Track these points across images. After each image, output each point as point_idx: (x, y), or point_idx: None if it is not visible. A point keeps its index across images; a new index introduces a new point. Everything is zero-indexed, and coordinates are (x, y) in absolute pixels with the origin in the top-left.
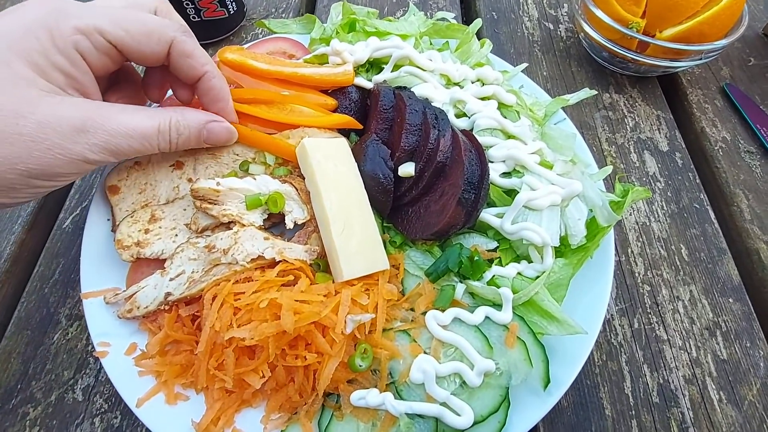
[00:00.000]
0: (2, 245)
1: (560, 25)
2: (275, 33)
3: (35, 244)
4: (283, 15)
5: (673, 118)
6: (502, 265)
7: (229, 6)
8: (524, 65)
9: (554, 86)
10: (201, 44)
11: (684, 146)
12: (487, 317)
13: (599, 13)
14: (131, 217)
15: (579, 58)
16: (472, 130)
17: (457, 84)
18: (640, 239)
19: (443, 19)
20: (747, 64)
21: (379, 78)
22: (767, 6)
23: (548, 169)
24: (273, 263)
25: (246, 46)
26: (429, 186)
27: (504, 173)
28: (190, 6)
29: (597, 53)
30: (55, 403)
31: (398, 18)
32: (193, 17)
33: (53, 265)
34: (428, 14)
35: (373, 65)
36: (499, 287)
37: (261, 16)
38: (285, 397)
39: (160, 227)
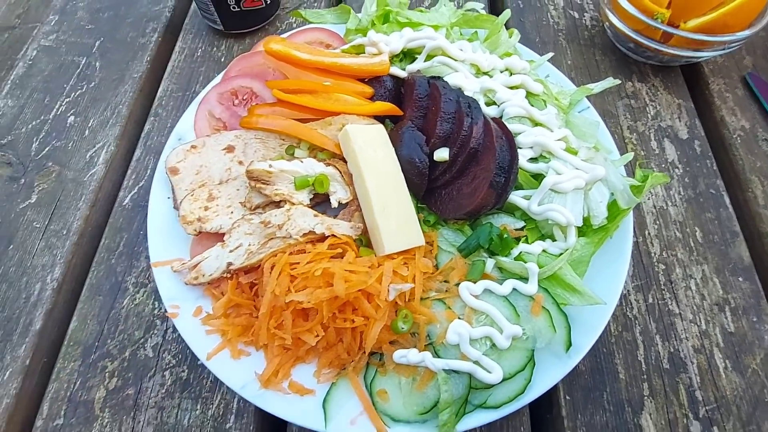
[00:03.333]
0: (69, 221)
1: (585, 14)
2: (310, 23)
3: (99, 220)
4: (315, 4)
5: (693, 106)
6: (528, 243)
7: None
8: (550, 54)
9: (578, 75)
10: (238, 33)
11: (703, 134)
12: (514, 289)
13: (625, 4)
14: (191, 195)
15: (603, 47)
16: (501, 117)
17: (486, 73)
18: (657, 222)
19: (473, 9)
20: None
21: (413, 67)
22: None
23: (573, 155)
24: (322, 238)
25: (285, 35)
26: (462, 170)
27: (531, 158)
28: None
29: (621, 43)
30: (129, 359)
31: (428, 9)
32: (233, 7)
33: (117, 238)
34: (457, 3)
35: (407, 55)
36: (526, 263)
37: (294, 6)
38: (335, 354)
39: (217, 205)
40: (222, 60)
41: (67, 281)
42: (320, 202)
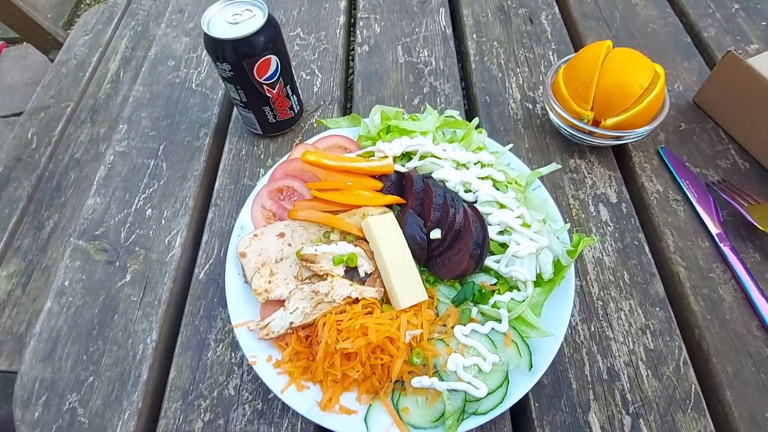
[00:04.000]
0: (159, 293)
1: (537, 105)
2: (330, 128)
3: (181, 291)
4: (330, 107)
5: (621, 176)
6: (500, 294)
7: (295, 108)
8: (510, 146)
9: (534, 155)
10: (274, 135)
11: (628, 198)
12: (492, 328)
13: (559, 110)
14: (258, 272)
15: (551, 132)
16: (475, 202)
17: (464, 165)
18: (596, 269)
19: (451, 116)
20: (678, 129)
21: (411, 165)
22: (698, 77)
23: (528, 228)
24: (356, 300)
25: (311, 141)
26: (450, 245)
27: (499, 232)
28: (270, 113)
29: (562, 130)
30: (217, 397)
31: (419, 116)
32: (271, 120)
33: (197, 305)
34: (437, 101)
35: (405, 155)
36: (499, 309)
37: (313, 108)
38: (370, 384)
39: (277, 279)
40: (261, 157)
41: (162, 341)
42: (350, 271)
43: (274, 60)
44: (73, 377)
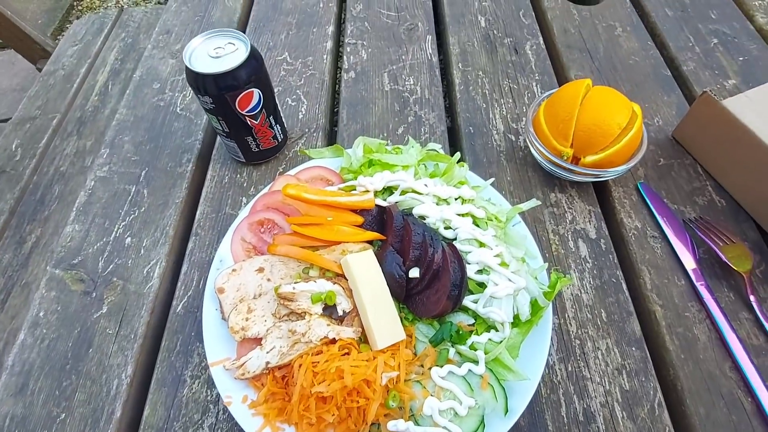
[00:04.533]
0: (135, 327)
1: (520, 137)
2: (312, 158)
3: (158, 325)
4: (314, 134)
5: (600, 211)
6: (478, 334)
7: (278, 137)
8: (491, 180)
9: (516, 189)
10: (257, 163)
11: (607, 234)
12: (469, 370)
13: (539, 146)
14: (235, 309)
15: (533, 166)
16: (455, 239)
17: (445, 200)
18: (574, 306)
19: (433, 149)
20: (657, 164)
21: (392, 199)
22: (678, 111)
23: (505, 268)
24: (333, 340)
25: (293, 171)
26: (428, 284)
27: (477, 270)
28: (253, 143)
29: (543, 165)
30: None
31: (402, 148)
32: (254, 149)
33: (174, 339)
34: (422, 131)
35: (386, 189)
36: (476, 350)
37: (297, 136)
38: (346, 426)
39: (254, 315)
40: (244, 185)
41: (137, 376)
42: (328, 308)
43: (256, 93)
44: (45, 413)
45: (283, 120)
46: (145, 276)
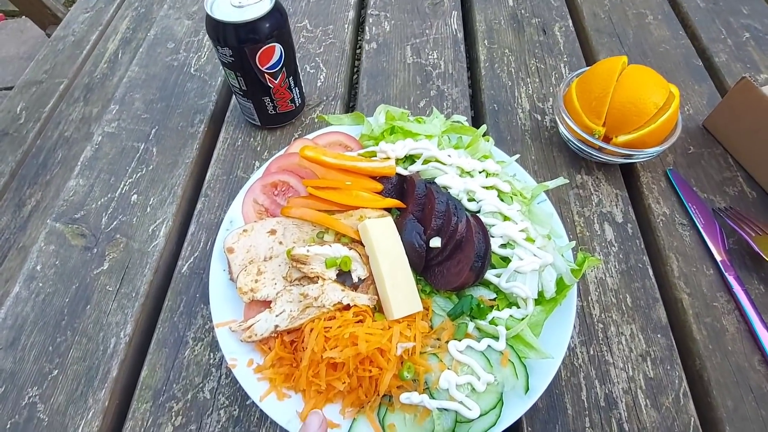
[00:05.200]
0: (137, 285)
1: (546, 117)
2: (331, 124)
3: (161, 284)
4: (333, 102)
5: (628, 195)
6: (499, 310)
7: (297, 101)
8: (516, 156)
9: (540, 168)
10: (273, 128)
11: (634, 218)
12: (489, 345)
13: (570, 122)
14: (245, 270)
15: (559, 145)
16: (479, 211)
17: (468, 173)
18: (598, 290)
19: (458, 121)
20: (687, 152)
21: (413, 168)
22: (709, 101)
23: (531, 243)
24: (348, 307)
25: (311, 136)
26: (450, 255)
27: (501, 245)
28: (270, 104)
29: (571, 144)
30: (191, 400)
31: (425, 119)
32: (271, 111)
33: (177, 300)
34: (444, 105)
35: (408, 158)
36: (497, 325)
37: (315, 103)
38: (356, 396)
39: (264, 278)
40: (258, 149)
41: (137, 336)
42: (342, 275)
43: (278, 48)
44: (36, 369)
45: (302, 84)
46: (150, 234)
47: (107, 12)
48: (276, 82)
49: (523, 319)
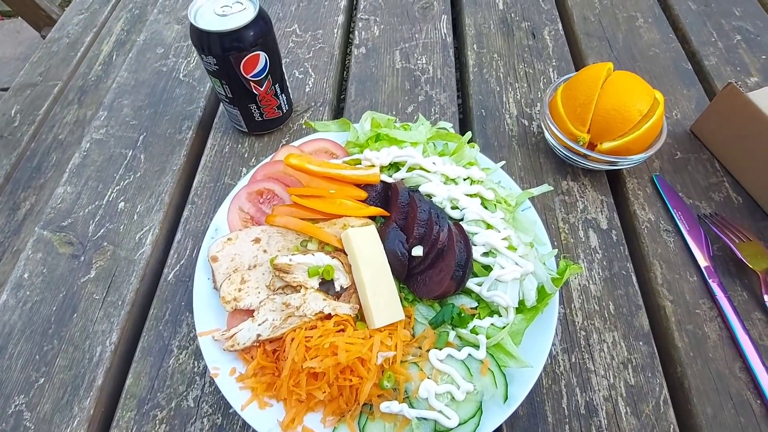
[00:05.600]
0: (123, 293)
1: (533, 122)
2: (318, 131)
3: (147, 292)
4: (321, 108)
5: (613, 201)
6: (480, 318)
7: (284, 107)
8: (502, 163)
9: (526, 174)
10: (260, 134)
11: (619, 225)
12: (469, 354)
13: (555, 129)
14: (228, 279)
15: (546, 152)
16: (462, 219)
17: (453, 180)
18: (581, 297)
19: (443, 128)
20: (674, 158)
21: (398, 176)
22: (697, 105)
23: (513, 252)
24: (329, 316)
25: (297, 143)
26: (432, 264)
27: (484, 253)
28: (257, 111)
29: (557, 150)
30: (174, 408)
31: (410, 125)
32: (258, 118)
33: (163, 308)
34: (432, 111)
35: (393, 165)
36: (478, 334)
37: (303, 109)
38: (337, 405)
39: (248, 287)
40: (245, 155)
41: (123, 344)
42: (325, 283)
43: (262, 56)
44: (23, 378)
45: (290, 91)
46: (137, 242)
47: (101, 13)
48: (261, 89)
49: (503, 327)
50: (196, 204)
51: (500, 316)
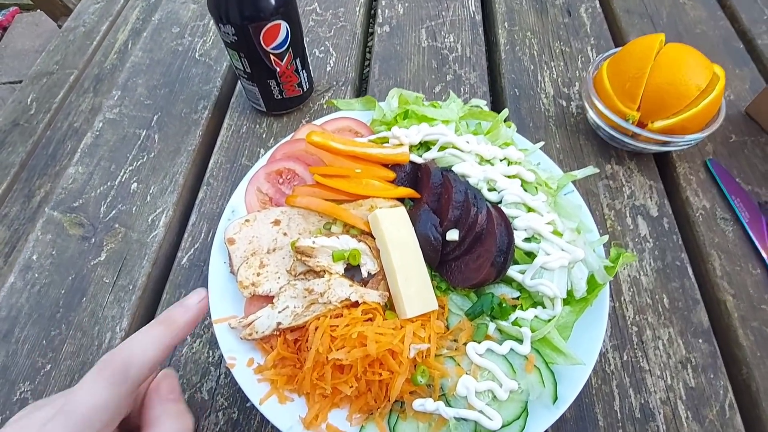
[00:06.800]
0: (135, 277)
1: (572, 102)
2: (341, 110)
3: (160, 277)
4: (343, 88)
5: (663, 187)
6: (523, 310)
7: (304, 85)
8: (541, 143)
9: (566, 157)
10: (279, 114)
11: (671, 212)
12: (511, 349)
13: (601, 106)
14: (246, 263)
15: (586, 133)
16: (500, 202)
17: (488, 161)
18: (631, 289)
19: (477, 106)
20: (728, 141)
21: (429, 156)
22: (752, 86)
23: (559, 237)
24: (356, 304)
25: (319, 122)
26: (469, 249)
27: (525, 238)
28: (276, 88)
29: (600, 131)
30: (188, 400)
31: (441, 102)
32: (277, 96)
33: (176, 293)
34: (461, 90)
35: (423, 145)
36: (521, 327)
37: (324, 89)
38: (364, 402)
39: (267, 271)
40: (263, 136)
41: (133, 330)
42: (351, 269)
43: (283, 26)
44: (29, 364)
45: (311, 68)
46: (150, 224)
47: (118, 2)
48: (282, 64)
49: (550, 320)
50: (211, 185)
51: (545, 307)
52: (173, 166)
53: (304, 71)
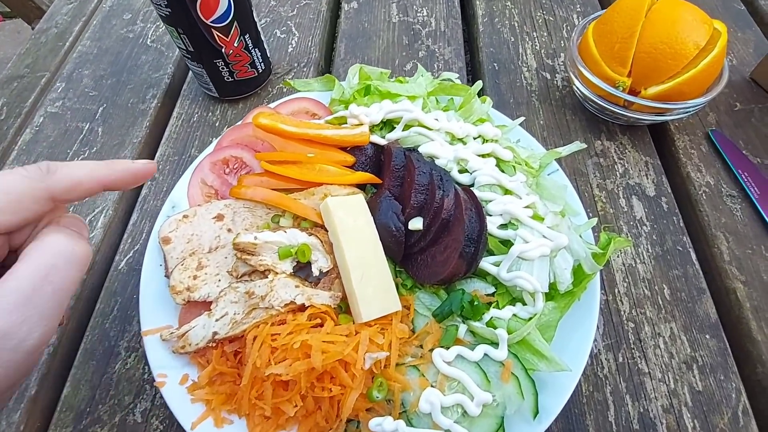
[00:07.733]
0: None
1: (557, 75)
2: (299, 91)
3: (95, 284)
4: (305, 69)
5: (660, 163)
6: (499, 308)
7: (258, 66)
8: (521, 119)
9: (550, 134)
10: (232, 99)
11: (670, 191)
12: (485, 354)
13: (587, 74)
14: (182, 264)
15: (573, 107)
16: (472, 185)
17: (460, 139)
18: (626, 280)
19: (448, 79)
20: (733, 110)
21: (392, 136)
22: (756, 50)
23: (539, 222)
24: (303, 307)
25: (273, 105)
26: (435, 239)
27: (501, 225)
28: (225, 69)
29: (589, 104)
30: (118, 425)
31: (407, 78)
32: (227, 78)
33: (111, 302)
34: (435, 67)
35: (386, 124)
36: (496, 328)
37: (285, 71)
38: (313, 422)
39: (206, 273)
40: (216, 124)
41: (62, 346)
42: (303, 266)
43: None
44: None
45: (266, 47)
46: (87, 225)
47: (90, 2)
48: (227, 40)
49: (530, 319)
50: (156, 180)
51: (525, 304)
52: None
53: (256, 50)
